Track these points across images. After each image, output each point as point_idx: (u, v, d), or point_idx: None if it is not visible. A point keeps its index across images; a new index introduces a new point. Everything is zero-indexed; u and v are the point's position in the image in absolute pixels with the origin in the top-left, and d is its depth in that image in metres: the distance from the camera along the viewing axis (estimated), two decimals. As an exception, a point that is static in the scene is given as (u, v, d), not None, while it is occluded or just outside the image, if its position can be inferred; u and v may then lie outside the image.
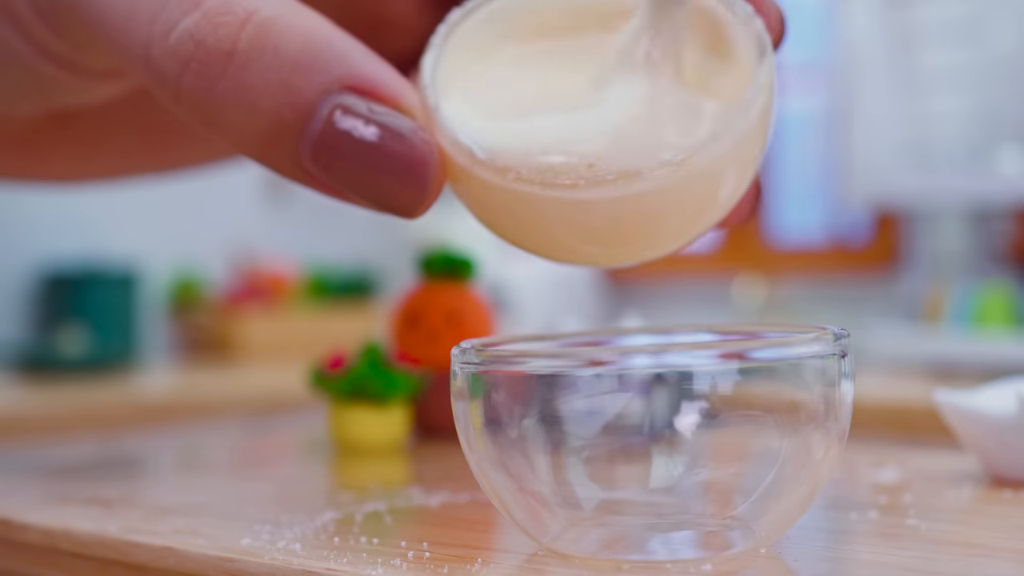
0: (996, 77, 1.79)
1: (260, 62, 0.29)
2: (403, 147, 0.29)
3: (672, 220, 0.30)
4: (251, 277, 1.69)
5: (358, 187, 0.30)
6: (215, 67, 0.29)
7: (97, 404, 1.02)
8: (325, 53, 0.30)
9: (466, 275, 0.53)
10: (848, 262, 2.12)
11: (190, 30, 0.29)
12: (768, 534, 0.28)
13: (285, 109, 0.29)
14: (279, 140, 0.30)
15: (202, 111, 0.30)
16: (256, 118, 0.30)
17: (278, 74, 0.29)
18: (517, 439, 0.28)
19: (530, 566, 0.27)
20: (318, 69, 0.29)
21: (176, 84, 0.30)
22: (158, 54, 0.30)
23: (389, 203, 0.30)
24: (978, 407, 0.37)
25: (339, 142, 0.29)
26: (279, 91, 0.29)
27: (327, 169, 0.30)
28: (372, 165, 0.29)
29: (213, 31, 0.29)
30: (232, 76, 0.29)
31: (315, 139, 0.29)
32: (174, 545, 0.30)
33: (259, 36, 0.29)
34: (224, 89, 0.29)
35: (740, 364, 0.27)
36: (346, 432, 0.48)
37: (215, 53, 0.29)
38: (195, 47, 0.29)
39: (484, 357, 0.28)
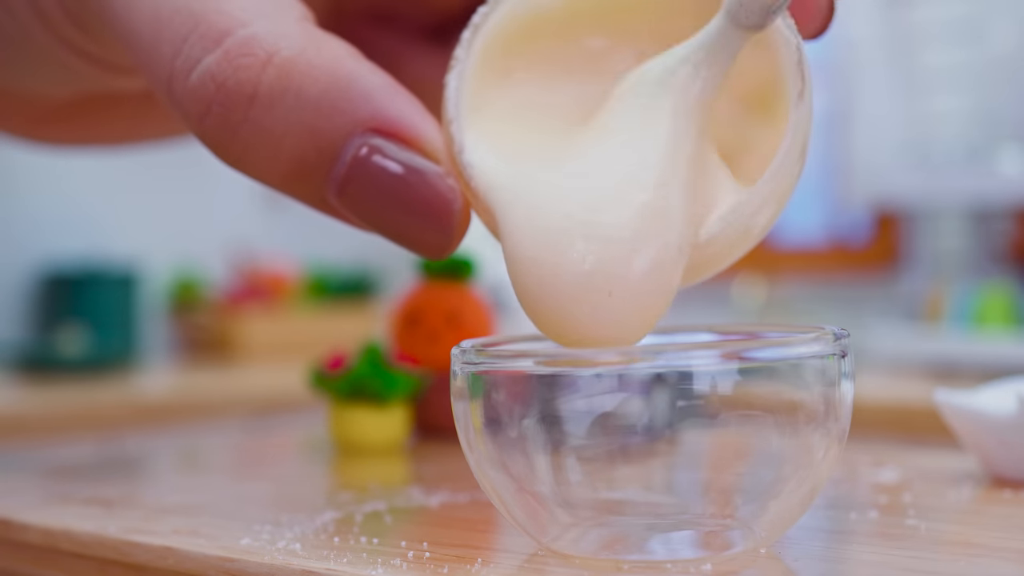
0: (996, 77, 1.79)
1: (282, 105, 0.29)
2: (426, 191, 0.29)
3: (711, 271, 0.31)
4: (251, 277, 1.69)
5: (385, 227, 0.30)
6: (237, 112, 0.29)
7: (97, 404, 1.02)
8: (348, 93, 0.29)
9: (466, 275, 0.53)
10: (848, 262, 2.12)
11: (211, 71, 0.29)
12: (768, 534, 0.28)
13: (309, 152, 0.29)
14: (305, 179, 0.30)
15: (225, 152, 0.30)
16: (280, 160, 0.29)
17: (300, 117, 0.29)
18: (517, 439, 0.28)
19: (530, 566, 0.27)
20: (341, 111, 0.29)
21: (199, 126, 0.30)
22: (179, 91, 0.29)
23: (416, 243, 0.30)
24: (978, 407, 0.37)
25: (364, 184, 0.29)
26: (302, 134, 0.29)
27: (354, 208, 0.30)
28: (397, 207, 0.29)
29: (234, 73, 0.29)
30: (254, 120, 0.29)
31: (340, 180, 0.29)
32: (174, 545, 0.30)
33: (280, 78, 0.29)
34: (247, 133, 0.29)
35: (740, 364, 0.27)
36: (346, 432, 0.48)
37: (236, 97, 0.29)
38: (216, 90, 0.29)
39: (484, 357, 0.28)
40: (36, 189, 1.56)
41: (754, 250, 0.33)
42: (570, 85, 0.32)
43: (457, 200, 0.30)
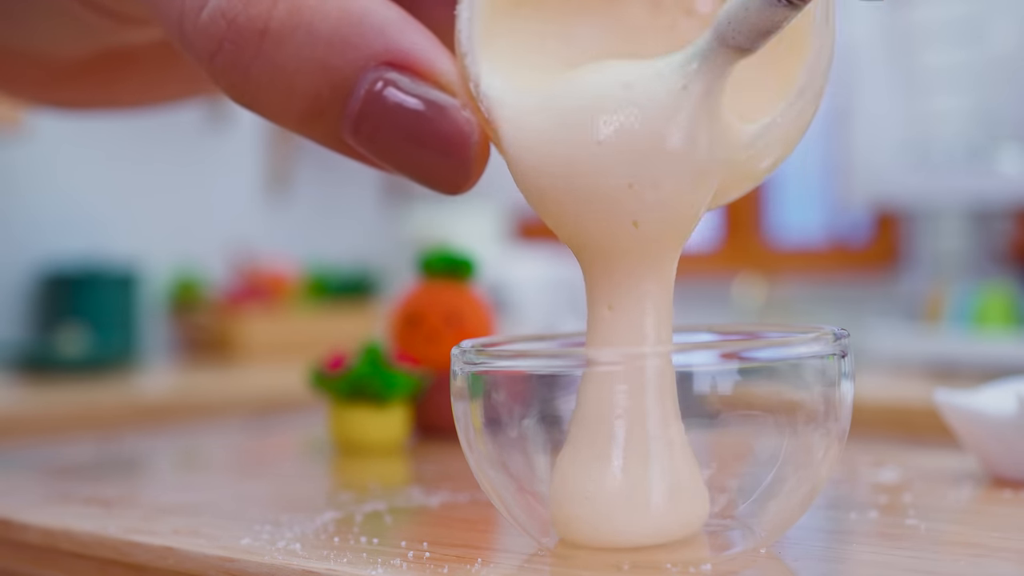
0: (996, 77, 1.79)
1: (294, 41, 0.29)
2: (443, 124, 0.29)
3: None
4: (251, 277, 1.69)
5: (401, 162, 0.29)
6: (248, 48, 0.29)
7: (97, 404, 1.02)
8: (360, 28, 0.29)
9: (466, 275, 0.53)
10: (848, 262, 2.12)
11: (222, 8, 0.29)
12: (768, 534, 0.28)
13: (322, 88, 0.29)
14: (319, 117, 0.29)
15: (238, 91, 0.29)
16: (293, 98, 0.29)
17: (313, 52, 0.29)
18: (517, 439, 0.28)
19: (530, 566, 0.27)
20: (354, 45, 0.29)
21: (210, 64, 0.29)
22: (190, 31, 0.29)
23: (433, 179, 0.30)
24: (978, 407, 0.37)
25: (379, 119, 0.29)
26: (315, 70, 0.29)
27: (369, 144, 0.29)
28: (413, 142, 0.29)
29: (244, 9, 0.29)
30: (266, 57, 0.29)
31: (354, 117, 0.29)
32: (174, 545, 0.30)
33: (292, 14, 0.29)
34: (259, 70, 0.29)
35: (740, 364, 0.27)
36: (346, 432, 0.48)
37: (247, 33, 0.29)
38: (227, 26, 0.29)
39: (484, 357, 0.28)
40: (36, 189, 1.56)
41: (754, 250, 0.32)
42: (581, 15, 0.32)
43: (475, 133, 0.29)
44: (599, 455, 0.28)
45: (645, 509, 0.27)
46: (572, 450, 0.28)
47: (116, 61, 0.39)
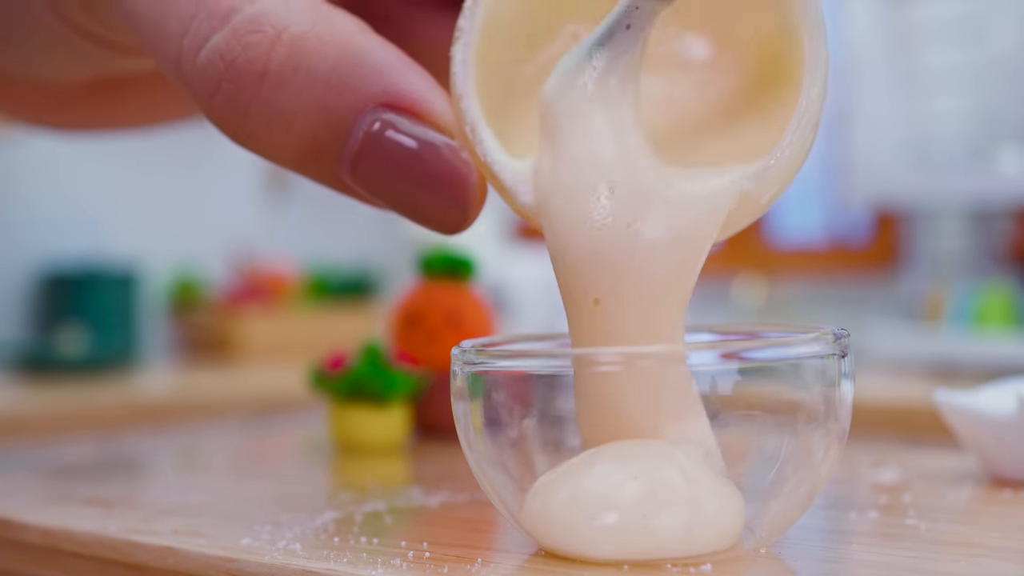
0: (996, 77, 1.79)
1: (293, 83, 0.29)
2: (440, 165, 0.29)
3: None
4: (251, 277, 1.69)
5: (399, 203, 0.29)
6: (247, 90, 0.29)
7: (97, 404, 1.02)
8: (359, 70, 0.29)
9: (466, 275, 0.53)
10: (848, 262, 2.12)
11: (220, 49, 0.29)
12: (768, 534, 0.28)
13: (320, 130, 0.29)
14: (317, 158, 0.29)
15: (235, 131, 0.29)
16: (291, 139, 0.29)
17: (312, 94, 0.29)
18: (517, 439, 0.28)
19: (530, 566, 0.27)
20: (352, 87, 0.29)
21: (208, 104, 0.29)
22: (188, 70, 0.29)
23: (431, 219, 0.30)
24: (978, 407, 0.37)
25: (377, 160, 0.29)
26: (314, 112, 0.29)
27: (367, 184, 0.29)
28: (411, 182, 0.29)
29: (243, 51, 0.28)
30: (265, 99, 0.29)
31: (352, 158, 0.29)
32: (174, 545, 0.30)
33: (291, 56, 0.28)
34: (257, 112, 0.29)
35: (740, 364, 0.27)
36: (346, 432, 0.48)
37: (246, 75, 0.29)
38: (225, 68, 0.29)
39: (484, 357, 0.28)
40: (36, 189, 1.56)
41: (754, 250, 0.33)
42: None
43: (472, 174, 0.29)
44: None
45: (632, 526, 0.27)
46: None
47: (117, 85, 0.39)
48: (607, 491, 0.27)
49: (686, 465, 0.27)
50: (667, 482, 0.27)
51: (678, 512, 0.26)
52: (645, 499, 0.26)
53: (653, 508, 0.26)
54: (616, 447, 0.28)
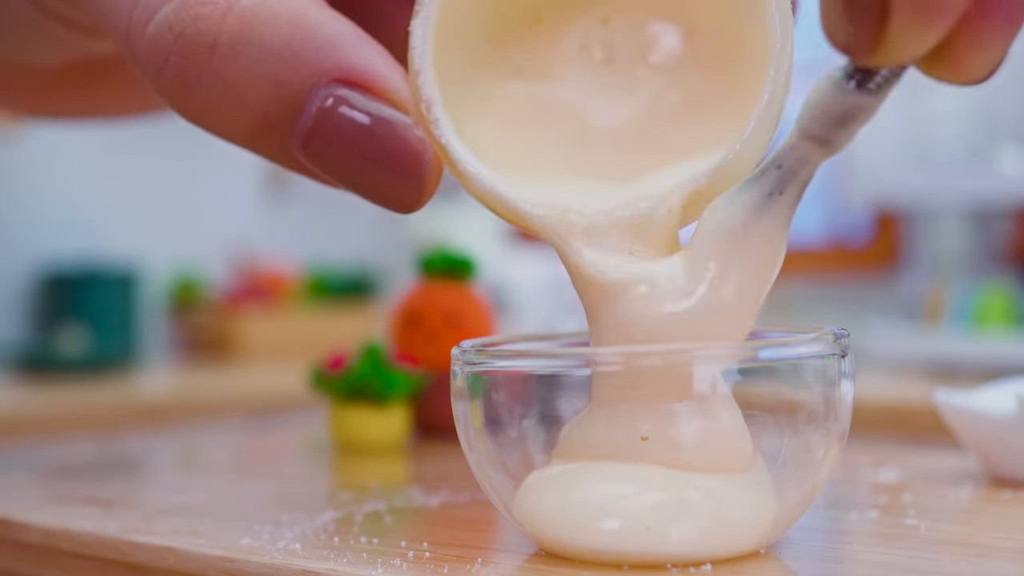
0: (996, 77, 1.79)
1: (244, 56, 0.28)
2: (394, 142, 0.28)
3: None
4: (251, 277, 1.69)
5: (352, 180, 0.29)
6: (196, 62, 0.28)
7: (97, 404, 1.02)
8: (312, 43, 0.28)
9: (466, 275, 0.53)
10: (848, 262, 2.12)
11: (169, 21, 0.28)
12: (768, 534, 0.28)
13: (272, 104, 0.28)
14: (268, 134, 0.29)
15: (185, 106, 0.29)
16: (242, 113, 0.28)
17: (264, 68, 0.28)
18: (517, 439, 0.28)
19: (530, 566, 0.27)
20: (305, 61, 0.28)
21: (157, 77, 0.28)
22: (137, 43, 0.28)
23: (384, 197, 0.29)
24: (978, 407, 0.37)
25: (329, 136, 0.28)
26: (265, 86, 0.28)
27: (319, 162, 0.29)
28: (364, 159, 0.28)
29: (192, 23, 0.28)
30: (215, 71, 0.28)
31: (304, 133, 0.28)
32: (174, 545, 0.30)
33: (242, 28, 0.28)
34: (207, 85, 0.28)
35: (740, 364, 0.27)
36: (346, 432, 0.48)
37: (195, 47, 0.28)
38: (174, 40, 0.28)
39: (484, 357, 0.28)
40: (36, 189, 1.56)
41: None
42: (531, 41, 0.31)
43: (427, 151, 0.29)
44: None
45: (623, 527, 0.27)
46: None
47: (93, 71, 0.38)
48: (611, 500, 0.27)
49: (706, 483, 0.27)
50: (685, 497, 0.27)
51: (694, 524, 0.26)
52: (653, 510, 0.26)
53: (661, 520, 0.26)
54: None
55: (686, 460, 0.27)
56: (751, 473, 0.27)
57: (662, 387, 0.27)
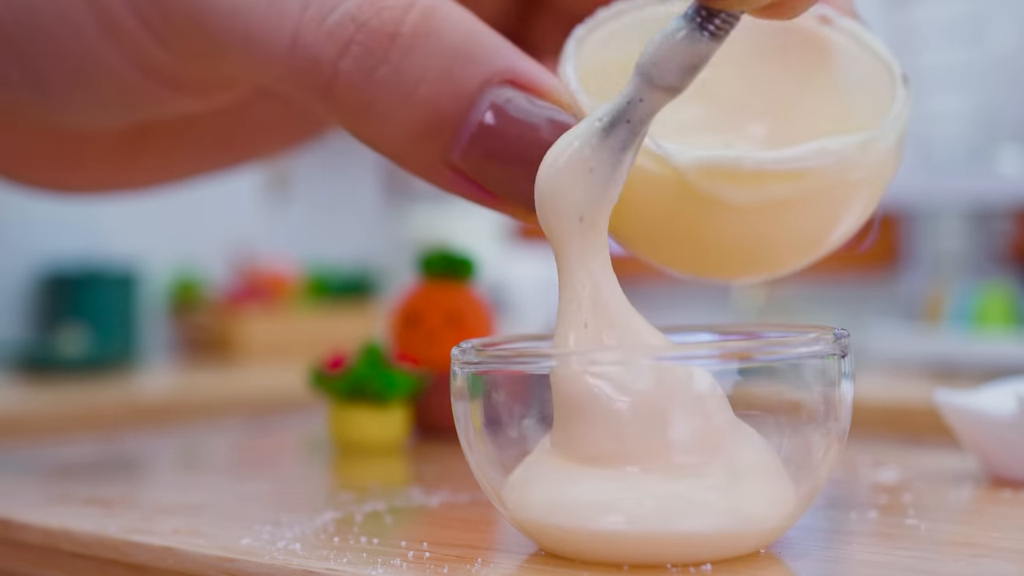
0: (996, 77, 1.79)
1: (424, 48, 0.28)
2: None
3: (814, 228, 0.31)
4: (251, 277, 1.69)
5: (509, 185, 0.29)
6: (378, 50, 0.29)
7: (97, 404, 1.02)
8: (485, 45, 0.29)
9: (466, 275, 0.53)
10: (848, 262, 2.12)
11: (351, 12, 0.29)
12: (768, 534, 0.28)
13: (445, 98, 0.29)
14: (433, 133, 0.29)
15: (355, 99, 0.29)
16: (413, 107, 0.29)
17: (440, 62, 0.29)
18: (517, 439, 0.28)
19: (530, 566, 0.27)
20: (480, 60, 0.29)
21: (332, 69, 0.29)
22: (311, 39, 0.29)
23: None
24: (978, 407, 0.37)
25: (499, 136, 0.29)
26: (440, 80, 0.29)
27: (480, 165, 0.29)
28: (532, 160, 0.28)
29: (376, 13, 0.29)
30: (395, 61, 0.29)
31: (474, 132, 0.29)
32: (174, 545, 0.30)
33: (424, 21, 0.29)
34: (385, 74, 0.29)
35: (740, 364, 0.27)
36: (346, 432, 0.48)
37: (378, 36, 0.29)
38: (356, 29, 0.29)
39: (484, 357, 0.28)
40: (36, 189, 1.56)
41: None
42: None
43: None
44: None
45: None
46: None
47: (133, 137, 0.38)
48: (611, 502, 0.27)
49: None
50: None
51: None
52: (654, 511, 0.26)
53: (661, 519, 0.26)
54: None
55: (683, 460, 0.27)
56: (751, 472, 0.27)
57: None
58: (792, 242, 0.32)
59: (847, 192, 0.31)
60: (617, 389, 0.26)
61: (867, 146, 0.30)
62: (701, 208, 0.30)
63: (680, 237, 0.31)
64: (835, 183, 0.30)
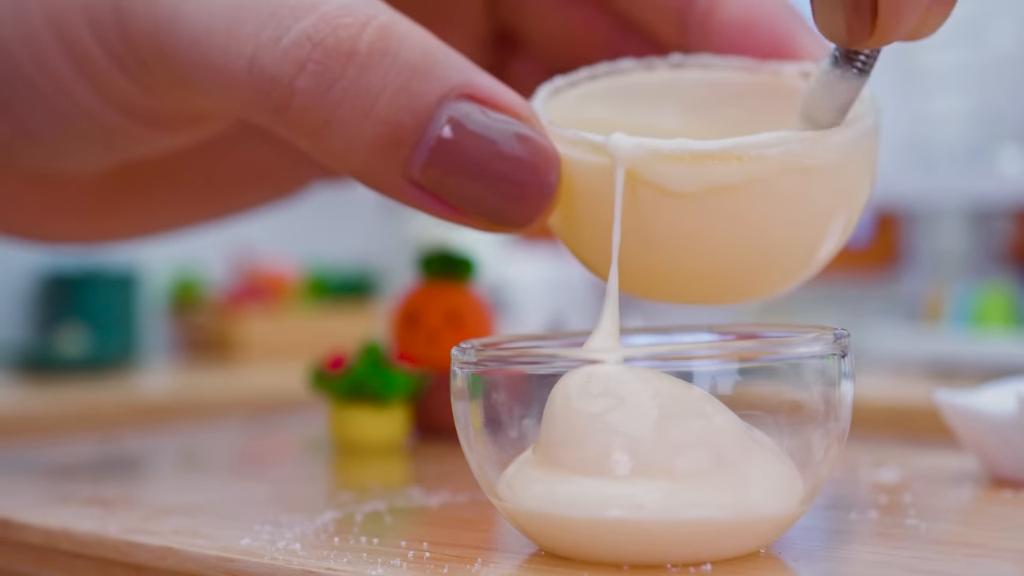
0: (996, 77, 1.79)
1: (381, 65, 0.29)
2: (527, 150, 0.29)
3: (789, 232, 0.31)
4: (251, 277, 1.69)
5: (471, 198, 0.29)
6: (334, 68, 0.29)
7: (97, 404, 1.02)
8: (443, 60, 0.29)
9: (466, 275, 0.53)
10: (848, 262, 2.12)
11: (307, 32, 0.29)
12: (768, 534, 0.28)
13: (403, 114, 0.29)
14: (392, 148, 0.29)
15: (313, 117, 0.29)
16: (372, 124, 0.29)
17: (398, 78, 0.29)
18: (517, 439, 0.28)
19: (530, 566, 0.27)
20: (437, 76, 0.29)
21: (289, 88, 0.29)
22: (268, 61, 0.29)
23: (502, 213, 0.30)
24: (978, 407, 0.37)
25: (459, 149, 0.29)
26: (398, 96, 0.29)
27: (441, 179, 0.29)
28: (492, 172, 0.29)
29: (332, 32, 0.29)
30: (352, 78, 0.29)
31: (433, 146, 0.29)
32: (174, 545, 0.30)
33: (381, 39, 0.29)
34: (342, 91, 0.29)
35: (740, 364, 0.27)
36: (346, 432, 0.48)
37: (335, 53, 0.29)
38: (312, 48, 0.29)
39: (484, 357, 0.28)
40: (36, 189, 1.56)
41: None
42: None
43: (557, 157, 0.30)
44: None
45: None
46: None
47: (113, 185, 0.38)
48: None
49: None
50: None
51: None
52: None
53: (661, 518, 0.26)
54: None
55: (682, 461, 0.27)
56: (751, 471, 0.27)
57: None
58: (753, 248, 0.31)
59: (802, 185, 0.30)
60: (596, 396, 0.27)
61: (818, 138, 0.30)
62: (649, 200, 0.29)
63: (634, 239, 0.30)
64: (783, 170, 0.29)
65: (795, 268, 0.33)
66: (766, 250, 0.31)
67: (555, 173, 0.30)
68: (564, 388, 0.27)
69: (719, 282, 0.32)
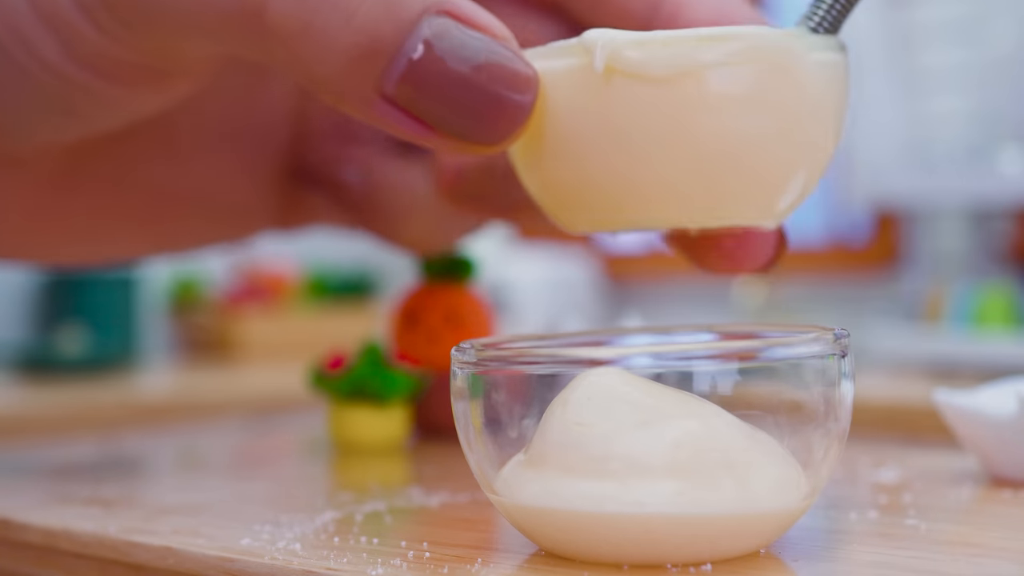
0: (996, 77, 1.79)
1: None
2: (505, 67, 0.29)
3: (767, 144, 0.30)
4: (251, 277, 1.69)
5: (444, 115, 0.29)
6: None
7: (97, 404, 1.02)
8: None
9: (466, 275, 0.53)
10: (848, 262, 2.12)
11: None
12: (769, 534, 0.28)
13: (383, 24, 0.28)
14: (368, 59, 0.29)
15: (291, 21, 0.29)
16: (351, 31, 0.29)
17: None
18: (517, 439, 0.28)
19: (530, 566, 0.27)
20: None
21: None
22: None
23: (474, 132, 0.29)
24: (978, 407, 0.37)
25: (435, 63, 0.29)
26: (379, 4, 0.28)
27: (415, 95, 0.29)
28: (468, 89, 0.29)
29: None
30: None
31: (410, 59, 0.29)
32: (174, 545, 0.30)
33: None
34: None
35: (740, 364, 0.27)
36: (346, 432, 0.48)
37: None
38: None
39: (484, 357, 0.28)
40: (36, 189, 1.56)
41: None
42: None
43: (536, 75, 0.29)
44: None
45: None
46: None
47: (62, 187, 0.38)
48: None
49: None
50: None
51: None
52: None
53: (661, 517, 0.26)
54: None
55: (683, 461, 0.27)
56: (753, 469, 0.27)
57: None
58: (730, 141, 0.30)
59: (777, 75, 0.30)
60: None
61: (793, 33, 0.31)
62: (624, 93, 0.29)
63: (608, 139, 0.30)
64: (758, 54, 0.29)
65: (771, 173, 0.31)
66: (743, 143, 0.30)
67: (532, 92, 0.29)
68: (564, 400, 0.27)
69: (692, 189, 0.30)
